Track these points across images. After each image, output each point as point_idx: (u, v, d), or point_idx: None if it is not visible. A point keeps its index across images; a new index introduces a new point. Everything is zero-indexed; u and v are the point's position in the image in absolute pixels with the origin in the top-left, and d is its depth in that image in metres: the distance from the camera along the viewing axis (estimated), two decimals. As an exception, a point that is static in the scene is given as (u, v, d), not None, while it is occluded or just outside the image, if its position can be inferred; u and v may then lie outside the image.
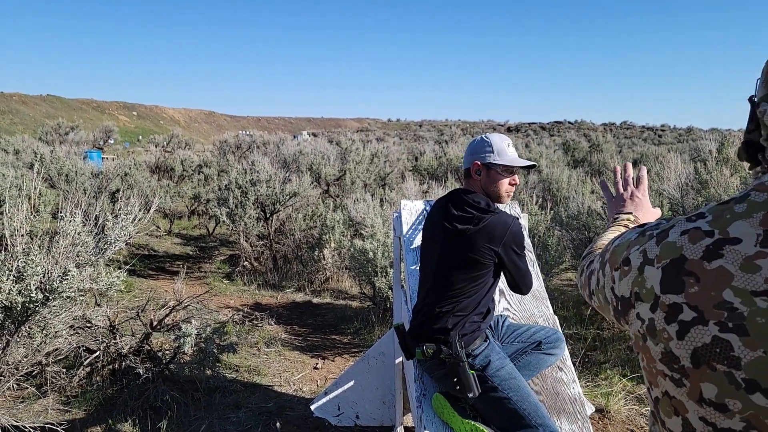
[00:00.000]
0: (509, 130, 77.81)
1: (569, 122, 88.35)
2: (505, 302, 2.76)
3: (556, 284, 6.22)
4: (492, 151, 2.24)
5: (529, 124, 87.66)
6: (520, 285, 2.22)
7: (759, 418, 0.66)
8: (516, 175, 2.30)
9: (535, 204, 6.16)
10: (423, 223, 3.00)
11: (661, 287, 0.76)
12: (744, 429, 0.67)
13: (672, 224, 0.80)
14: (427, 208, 3.13)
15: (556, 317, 2.72)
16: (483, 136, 2.32)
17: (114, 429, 3.24)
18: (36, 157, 9.80)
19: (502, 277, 2.30)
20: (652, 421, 0.85)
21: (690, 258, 0.74)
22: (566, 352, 2.48)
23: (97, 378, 3.66)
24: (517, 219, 2.18)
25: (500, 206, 2.28)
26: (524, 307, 2.76)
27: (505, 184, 2.26)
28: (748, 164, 0.87)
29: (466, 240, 2.10)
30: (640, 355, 0.82)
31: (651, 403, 0.82)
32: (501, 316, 2.53)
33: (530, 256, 2.92)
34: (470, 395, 2.01)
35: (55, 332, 3.05)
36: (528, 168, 2.32)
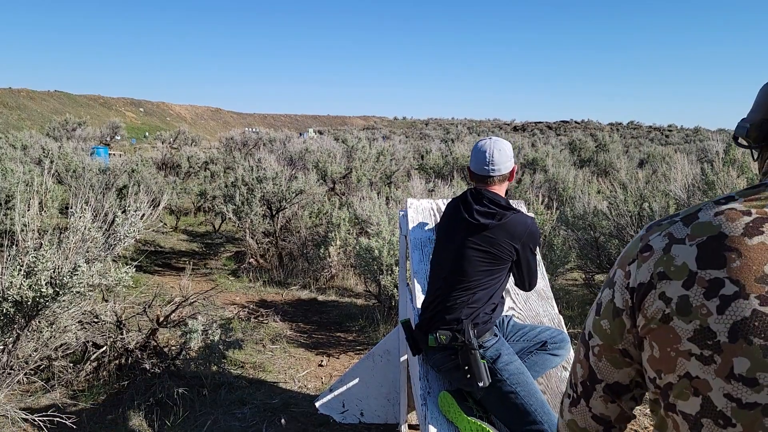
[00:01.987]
0: (515, 129, 77.59)
1: (576, 122, 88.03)
2: (511, 301, 2.77)
3: (561, 284, 6.22)
4: (515, 154, 2.37)
5: (535, 123, 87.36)
6: (527, 283, 2.34)
7: None
8: None
9: (541, 203, 6.17)
10: (428, 221, 3.04)
11: (698, 263, 0.76)
12: None
13: (698, 208, 0.82)
14: (433, 207, 3.15)
15: (561, 317, 2.73)
16: (501, 139, 2.40)
17: (120, 423, 3.27)
18: (44, 153, 9.86)
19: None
20: (652, 408, 0.86)
21: (730, 235, 0.75)
22: (571, 353, 2.49)
23: (104, 373, 3.69)
24: (534, 219, 2.29)
25: (513, 204, 2.39)
26: (530, 306, 2.77)
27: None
28: (752, 148, 0.91)
29: (487, 234, 2.19)
30: (647, 342, 0.81)
31: (654, 392, 0.83)
32: (506, 315, 2.56)
33: (537, 255, 2.94)
34: (481, 384, 2.04)
35: (64, 327, 3.08)
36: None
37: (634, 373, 0.88)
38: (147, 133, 46.56)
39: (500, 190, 2.36)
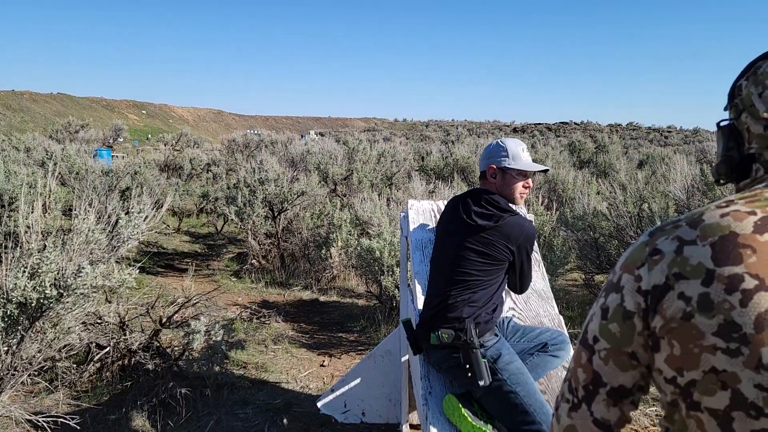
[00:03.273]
0: (515, 130, 77.52)
1: (575, 123, 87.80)
2: (511, 302, 2.78)
3: (561, 284, 6.24)
4: (507, 156, 2.35)
5: (535, 124, 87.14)
6: (520, 285, 2.36)
7: None
8: (530, 179, 2.42)
9: (541, 204, 6.18)
10: (429, 222, 3.05)
11: (714, 262, 0.78)
12: None
13: (700, 212, 0.85)
14: (434, 208, 3.17)
15: (561, 317, 2.74)
16: (499, 141, 2.42)
17: (123, 424, 3.29)
18: (47, 155, 9.89)
19: None
20: (668, 413, 0.86)
21: (742, 233, 0.78)
22: (572, 353, 2.51)
23: (107, 373, 3.71)
24: (532, 222, 2.32)
25: (513, 207, 2.37)
26: (530, 307, 2.79)
27: (519, 188, 2.37)
28: (729, 182, 0.97)
29: (484, 235, 2.20)
30: (665, 342, 0.82)
31: (673, 392, 0.83)
32: (506, 317, 2.58)
33: (536, 256, 2.95)
34: (481, 383, 2.06)
35: (68, 328, 3.11)
36: (542, 172, 2.43)
37: (638, 376, 0.89)
38: (149, 135, 46.60)
39: (489, 188, 2.37)
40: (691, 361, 0.79)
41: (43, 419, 2.92)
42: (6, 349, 2.92)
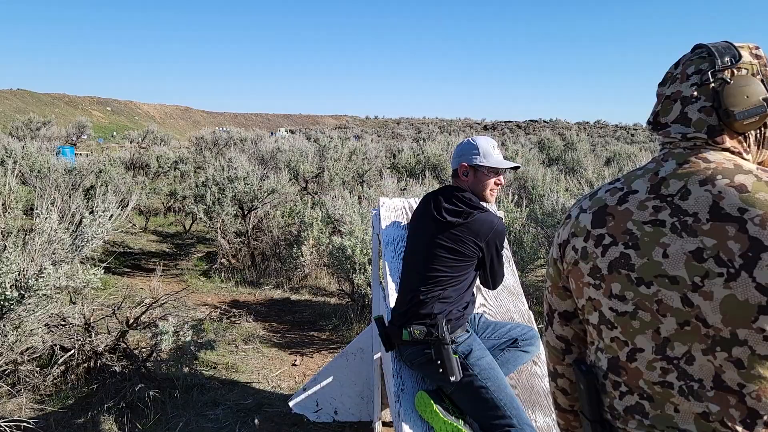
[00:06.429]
0: (485, 128, 78.15)
1: (544, 121, 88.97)
2: (482, 298, 2.81)
3: (531, 280, 6.31)
4: (478, 154, 2.36)
5: (505, 122, 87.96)
6: (491, 282, 2.37)
7: (642, 301, 1.04)
8: (501, 176, 2.44)
9: (511, 201, 6.24)
10: (400, 219, 3.06)
11: (591, 225, 1.13)
12: (633, 310, 1.05)
13: (599, 187, 1.19)
14: (405, 206, 3.17)
15: (531, 312, 2.78)
16: (470, 139, 2.44)
17: (90, 427, 3.22)
18: (7, 153, 9.59)
19: None
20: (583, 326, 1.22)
21: (610, 205, 1.12)
22: (541, 348, 2.54)
23: (72, 377, 3.62)
24: (502, 219, 2.32)
25: (485, 204, 2.37)
26: (500, 303, 2.81)
27: (490, 184, 2.39)
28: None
29: (453, 231, 2.22)
30: (569, 279, 1.19)
31: (580, 313, 1.19)
32: (477, 313, 2.60)
33: (506, 253, 2.98)
34: (452, 378, 2.07)
35: (30, 330, 3.02)
36: (513, 169, 2.44)
37: (575, 303, 1.22)
38: (114, 133, 45.60)
39: (461, 185, 2.37)
40: (579, 292, 1.16)
41: (6, 424, 2.83)
42: (-36, 353, 2.82)
